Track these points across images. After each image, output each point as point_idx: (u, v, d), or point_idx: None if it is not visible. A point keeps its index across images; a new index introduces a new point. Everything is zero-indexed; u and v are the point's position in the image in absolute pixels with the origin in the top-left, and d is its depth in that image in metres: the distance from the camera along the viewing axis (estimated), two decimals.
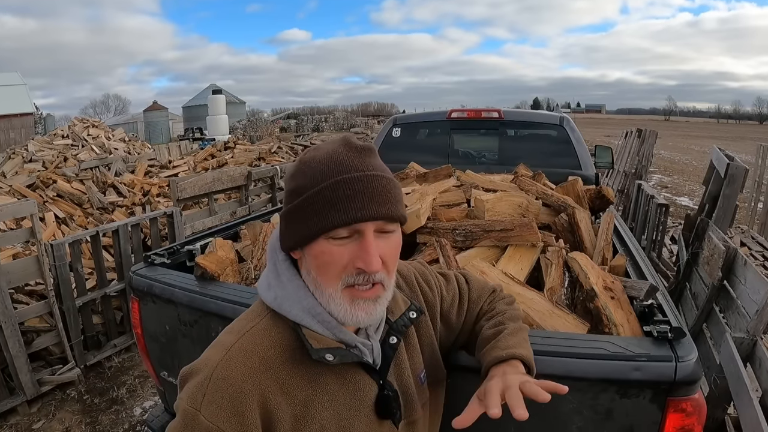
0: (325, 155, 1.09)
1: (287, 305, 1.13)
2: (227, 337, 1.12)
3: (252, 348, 1.09)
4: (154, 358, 2.55)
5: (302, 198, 1.07)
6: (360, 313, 1.09)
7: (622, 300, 2.02)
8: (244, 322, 1.16)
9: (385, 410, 1.18)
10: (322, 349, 1.09)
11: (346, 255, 1.06)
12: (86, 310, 4.76)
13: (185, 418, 1.00)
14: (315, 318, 1.12)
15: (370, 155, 1.11)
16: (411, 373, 1.28)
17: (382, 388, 1.19)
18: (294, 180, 1.11)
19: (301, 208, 1.07)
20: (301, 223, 1.07)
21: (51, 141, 14.49)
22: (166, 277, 2.44)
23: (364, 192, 1.04)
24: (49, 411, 4.16)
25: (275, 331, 1.13)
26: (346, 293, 1.08)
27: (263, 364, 1.07)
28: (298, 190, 1.08)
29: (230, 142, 15.44)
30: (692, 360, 1.59)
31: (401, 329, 1.26)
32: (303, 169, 1.10)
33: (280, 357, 1.10)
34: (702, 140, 41.85)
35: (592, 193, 3.46)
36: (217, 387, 1.02)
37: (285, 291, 1.15)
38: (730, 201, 5.08)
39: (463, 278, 1.55)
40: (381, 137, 5.48)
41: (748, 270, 3.21)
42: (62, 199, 8.16)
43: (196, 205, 7.91)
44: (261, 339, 1.11)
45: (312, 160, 1.09)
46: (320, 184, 1.05)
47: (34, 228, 4.14)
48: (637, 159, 11.07)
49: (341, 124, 55.21)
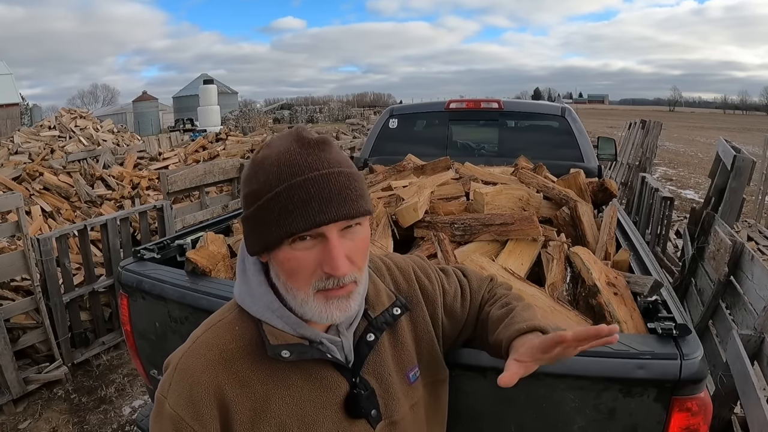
0: (277, 155, 1.05)
1: (249, 301, 1.16)
2: (198, 331, 1.19)
3: (214, 341, 1.14)
4: (143, 355, 2.54)
5: (258, 204, 1.05)
6: (334, 312, 1.08)
7: (626, 296, 2.02)
8: (215, 316, 1.21)
9: (354, 409, 1.17)
10: (279, 346, 1.11)
11: (312, 259, 1.04)
12: (74, 306, 4.75)
13: (157, 404, 1.11)
14: (274, 313, 1.13)
15: (325, 149, 1.07)
16: (395, 371, 1.27)
17: (354, 386, 1.18)
18: (248, 184, 1.08)
19: (259, 214, 1.05)
20: (261, 229, 1.06)
21: (37, 132, 14.40)
22: (156, 273, 2.43)
23: (321, 194, 1.01)
24: (35, 410, 4.15)
25: (239, 326, 1.16)
26: (320, 296, 1.07)
27: (222, 357, 1.11)
28: (253, 194, 1.06)
29: (222, 134, 15.36)
30: (698, 358, 1.59)
31: (381, 326, 1.24)
32: (256, 171, 1.07)
33: (240, 351, 1.13)
34: (708, 131, 41.91)
35: (595, 186, 3.45)
36: (179, 377, 1.10)
37: (248, 286, 1.18)
38: (737, 194, 5.09)
39: (461, 271, 1.55)
40: (377, 128, 5.47)
41: (755, 265, 3.21)
42: (49, 192, 8.13)
43: (186, 199, 7.89)
44: (224, 332, 1.15)
45: (264, 161, 1.06)
46: (274, 189, 1.02)
47: (20, 222, 4.12)
48: (641, 151, 11.08)
49: (336, 115, 55.14)
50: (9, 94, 38.75)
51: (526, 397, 1.67)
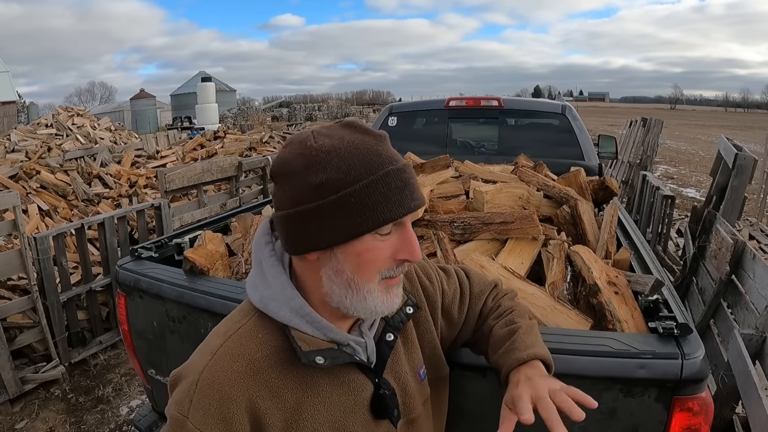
0: (353, 145, 1.02)
1: (274, 306, 1.10)
2: (213, 340, 1.11)
3: (238, 351, 1.07)
4: (141, 355, 2.54)
5: (343, 193, 0.99)
6: (394, 300, 1.12)
7: (627, 295, 2.02)
8: (231, 323, 1.14)
9: (381, 410, 1.17)
10: (312, 352, 1.07)
11: (389, 248, 1.06)
12: (71, 305, 4.74)
13: (173, 425, 1.01)
14: (304, 318, 1.10)
15: (389, 142, 1.09)
16: (409, 370, 1.27)
17: (378, 387, 1.18)
18: (320, 173, 1.00)
19: (344, 204, 1.00)
20: (343, 220, 1.01)
21: (34, 130, 14.40)
22: (154, 272, 2.43)
23: (410, 182, 1.05)
24: (32, 410, 4.15)
25: (262, 333, 1.11)
26: (383, 285, 1.09)
27: (250, 368, 1.06)
28: (331, 184, 1.00)
29: (220, 132, 15.37)
30: (699, 357, 1.58)
31: (398, 325, 1.25)
32: (329, 160, 1.00)
33: (267, 360, 1.08)
34: (709, 129, 41.87)
35: (596, 184, 3.45)
36: (203, 393, 1.02)
37: (271, 290, 1.11)
38: (739, 192, 5.09)
39: (464, 273, 1.54)
40: (376, 126, 5.43)
41: (757, 264, 3.21)
42: (46, 191, 8.11)
43: (184, 197, 7.88)
44: (247, 341, 1.09)
45: (337, 151, 1.01)
46: (368, 177, 1.00)
47: (16, 220, 4.12)
48: (642, 149, 11.08)
49: (335, 113, 55.00)
50: (6, 92, 38.67)
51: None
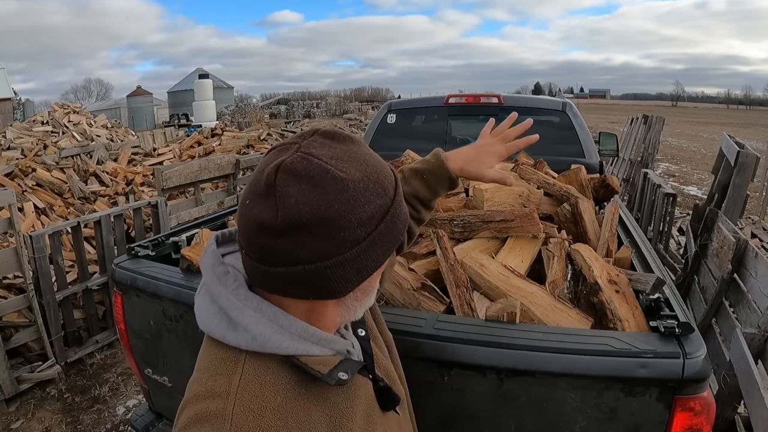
0: (368, 162, 0.94)
1: (275, 340, 0.95)
2: (213, 404, 0.90)
3: (257, 404, 0.90)
4: (138, 354, 2.54)
5: (387, 218, 0.94)
6: (371, 301, 1.09)
7: (628, 294, 2.02)
8: (224, 379, 0.94)
9: (389, 402, 1.14)
10: (333, 371, 0.97)
11: None
12: (67, 304, 4.74)
13: None
14: (309, 340, 0.97)
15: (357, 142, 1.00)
16: (381, 354, 1.26)
17: (375, 382, 1.15)
18: (368, 204, 0.91)
19: (389, 226, 0.94)
20: (377, 252, 0.94)
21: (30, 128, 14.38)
22: (151, 270, 2.43)
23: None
24: (28, 410, 4.15)
25: (269, 375, 0.95)
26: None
27: (280, 418, 0.91)
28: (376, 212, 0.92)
29: (218, 129, 15.37)
30: (701, 357, 1.58)
31: (363, 319, 1.22)
32: (366, 187, 0.91)
33: (289, 401, 0.94)
34: (711, 127, 41.85)
35: (596, 182, 3.45)
36: None
37: (261, 325, 0.95)
38: (741, 190, 5.09)
39: None
40: (375, 123, 5.46)
41: (759, 262, 3.21)
42: (42, 189, 8.12)
43: (181, 195, 7.90)
44: (260, 390, 0.92)
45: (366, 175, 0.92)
46: (395, 191, 0.96)
47: (12, 218, 4.11)
48: (643, 146, 11.08)
49: (333, 110, 55.00)
50: (1, 89, 38.54)
51: (526, 397, 1.67)
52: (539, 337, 1.70)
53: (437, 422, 1.75)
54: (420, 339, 1.70)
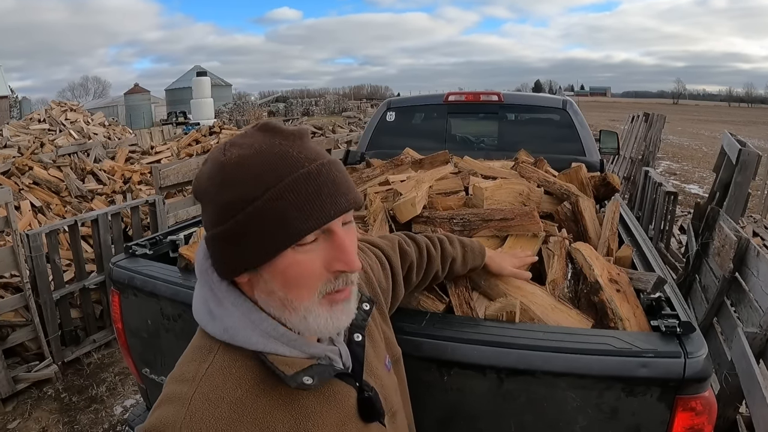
0: (260, 152, 0.95)
1: (243, 334, 0.99)
2: (180, 388, 0.96)
3: (216, 394, 0.94)
4: (135, 354, 2.54)
5: (250, 210, 0.93)
6: (341, 318, 1.02)
7: (628, 293, 2.02)
8: (194, 365, 1.00)
9: (370, 413, 1.12)
10: (298, 374, 0.98)
11: (319, 261, 0.97)
12: (64, 303, 4.74)
13: None
14: (278, 340, 1.00)
15: (307, 139, 1.00)
16: (379, 364, 1.26)
17: (361, 391, 1.13)
18: (228, 190, 0.94)
19: (253, 221, 0.93)
20: (255, 239, 0.94)
21: (27, 125, 14.35)
22: (148, 269, 2.42)
23: (326, 184, 0.95)
24: (24, 410, 4.15)
25: (235, 367, 0.99)
26: (324, 302, 0.99)
27: (235, 411, 0.94)
28: (238, 201, 0.93)
29: (216, 127, 15.32)
30: (702, 356, 1.58)
31: (362, 324, 1.20)
32: (235, 174, 0.94)
33: (250, 395, 0.97)
34: (712, 125, 41.88)
35: (597, 180, 3.44)
36: None
37: (233, 318, 1.00)
38: (742, 189, 5.09)
39: (370, 243, 1.58)
40: (374, 121, 5.46)
41: (761, 261, 3.21)
42: (39, 187, 8.10)
43: (179, 193, 7.87)
44: (223, 381, 0.96)
45: (244, 161, 0.94)
46: (274, 187, 0.92)
47: (9, 217, 4.11)
48: (644, 144, 11.08)
49: (332, 108, 55.02)
50: None
51: (526, 397, 1.67)
52: (539, 336, 1.70)
53: (437, 422, 1.75)
54: (419, 338, 1.70)
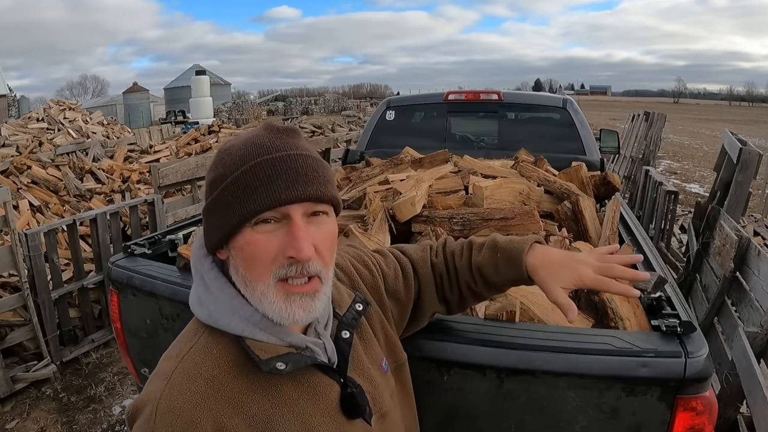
0: (245, 140, 1.07)
1: (225, 318, 1.08)
2: (165, 365, 1.06)
3: (195, 370, 1.03)
4: (134, 353, 2.54)
5: (222, 187, 1.04)
6: (297, 311, 1.05)
7: None
8: (181, 345, 1.10)
9: (352, 409, 1.15)
10: (272, 359, 1.05)
11: (275, 244, 1.02)
12: (62, 303, 4.74)
13: None
14: (256, 326, 1.07)
15: (293, 136, 1.08)
16: (371, 365, 1.26)
17: (345, 387, 1.16)
18: (213, 171, 1.08)
19: (222, 198, 1.04)
20: (222, 214, 1.04)
21: (25, 124, 14.37)
22: (147, 269, 2.43)
23: (288, 172, 1.01)
24: (23, 410, 4.15)
25: (216, 348, 1.07)
26: (280, 288, 1.04)
27: (210, 386, 1.02)
28: (217, 180, 1.05)
29: (215, 126, 15.35)
30: (703, 356, 1.58)
31: (351, 322, 1.24)
32: (222, 157, 1.07)
33: (227, 375, 1.04)
34: (713, 124, 41.91)
35: (597, 179, 3.45)
36: (164, 421, 0.97)
37: (217, 303, 1.09)
38: (743, 188, 5.09)
39: (398, 250, 1.57)
40: (374, 120, 5.46)
41: (761, 261, 3.21)
42: (37, 186, 8.10)
43: (178, 193, 7.88)
44: (202, 359, 1.05)
45: (231, 148, 1.07)
46: (239, 169, 1.02)
47: (7, 216, 4.11)
48: (644, 143, 11.09)
49: (332, 107, 55.05)
50: None
51: (526, 397, 1.67)
52: (539, 336, 1.69)
53: (436, 422, 1.75)
54: (420, 338, 1.70)
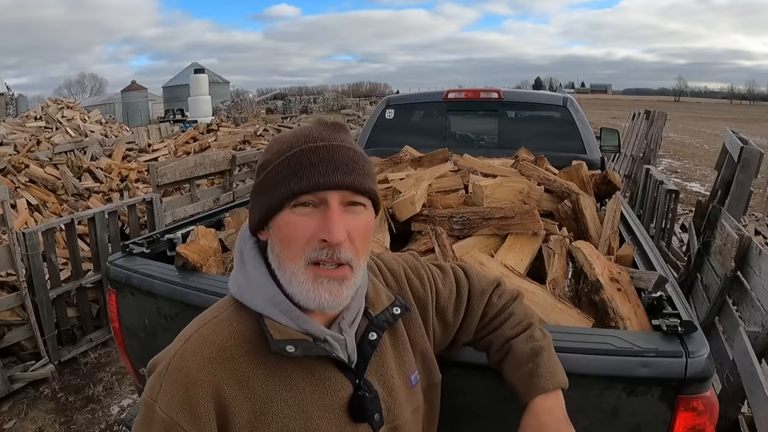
0: (295, 130, 1.14)
1: (250, 295, 1.14)
2: (190, 327, 1.15)
3: (210, 337, 1.10)
4: (132, 353, 2.53)
5: (267, 170, 1.11)
6: (323, 294, 1.07)
7: (629, 292, 2.02)
8: (210, 313, 1.18)
9: (359, 412, 1.15)
10: (283, 341, 1.08)
11: (311, 227, 1.06)
12: (60, 302, 4.73)
13: (144, 410, 1.05)
14: (277, 307, 1.11)
15: (340, 130, 1.15)
16: (398, 374, 1.25)
17: (358, 388, 1.16)
18: (263, 156, 1.15)
19: (267, 179, 1.11)
20: (265, 195, 1.10)
21: (23, 123, 14.39)
22: (146, 268, 2.43)
23: (330, 160, 1.07)
24: (21, 410, 4.14)
25: (237, 322, 1.13)
26: (310, 271, 1.07)
27: (220, 354, 1.08)
28: (264, 164, 1.13)
29: (213, 125, 15.39)
30: (704, 355, 1.58)
31: (382, 325, 1.23)
32: (272, 145, 1.15)
33: (239, 348, 1.10)
34: (714, 122, 41.87)
35: (598, 178, 3.45)
36: (172, 377, 1.04)
37: (248, 280, 1.16)
38: (744, 187, 5.09)
39: (461, 270, 1.51)
40: (373, 119, 5.46)
41: (763, 260, 3.21)
42: (35, 185, 8.09)
43: (177, 191, 7.89)
44: (221, 329, 1.12)
45: (281, 137, 1.15)
46: (285, 154, 1.09)
47: (5, 215, 4.10)
48: (645, 142, 11.09)
49: (331, 105, 54.88)
50: None
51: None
52: None
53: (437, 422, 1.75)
54: None
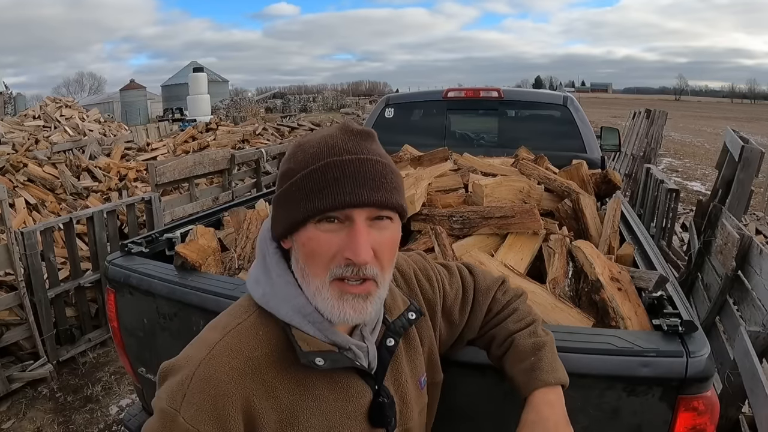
0: (320, 138, 1.08)
1: (275, 303, 1.11)
2: (211, 334, 1.10)
3: (238, 347, 1.06)
4: (131, 353, 2.54)
5: (291, 181, 1.06)
6: (348, 310, 1.05)
7: (630, 291, 2.02)
8: (230, 318, 1.13)
9: (378, 418, 1.16)
10: (312, 353, 1.06)
11: (335, 244, 1.03)
12: (59, 302, 4.73)
13: (163, 419, 0.99)
14: (305, 318, 1.09)
15: (368, 140, 1.10)
16: (410, 378, 1.26)
17: (377, 395, 1.16)
18: (286, 163, 1.10)
19: (291, 192, 1.06)
20: (289, 207, 1.06)
21: (21, 122, 14.41)
22: (144, 267, 2.43)
23: (356, 176, 1.02)
24: (19, 410, 4.14)
25: (263, 330, 1.10)
26: (335, 287, 1.04)
27: (249, 365, 1.05)
28: (288, 173, 1.08)
29: (212, 124, 15.39)
30: (704, 355, 1.58)
31: (399, 330, 1.23)
32: (296, 152, 1.09)
33: (267, 358, 1.07)
34: (715, 121, 41.84)
35: (598, 177, 3.44)
36: (198, 387, 1.00)
37: (274, 288, 1.12)
38: (745, 186, 5.09)
39: (467, 270, 1.53)
40: (373, 118, 5.46)
41: (763, 259, 3.21)
42: (33, 184, 8.08)
43: (175, 191, 7.88)
44: (247, 338, 1.08)
45: (306, 144, 1.09)
46: (310, 167, 1.04)
47: (3, 215, 4.10)
48: (645, 141, 11.08)
49: (330, 104, 54.84)
50: None
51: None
52: None
53: (436, 422, 1.75)
54: None
